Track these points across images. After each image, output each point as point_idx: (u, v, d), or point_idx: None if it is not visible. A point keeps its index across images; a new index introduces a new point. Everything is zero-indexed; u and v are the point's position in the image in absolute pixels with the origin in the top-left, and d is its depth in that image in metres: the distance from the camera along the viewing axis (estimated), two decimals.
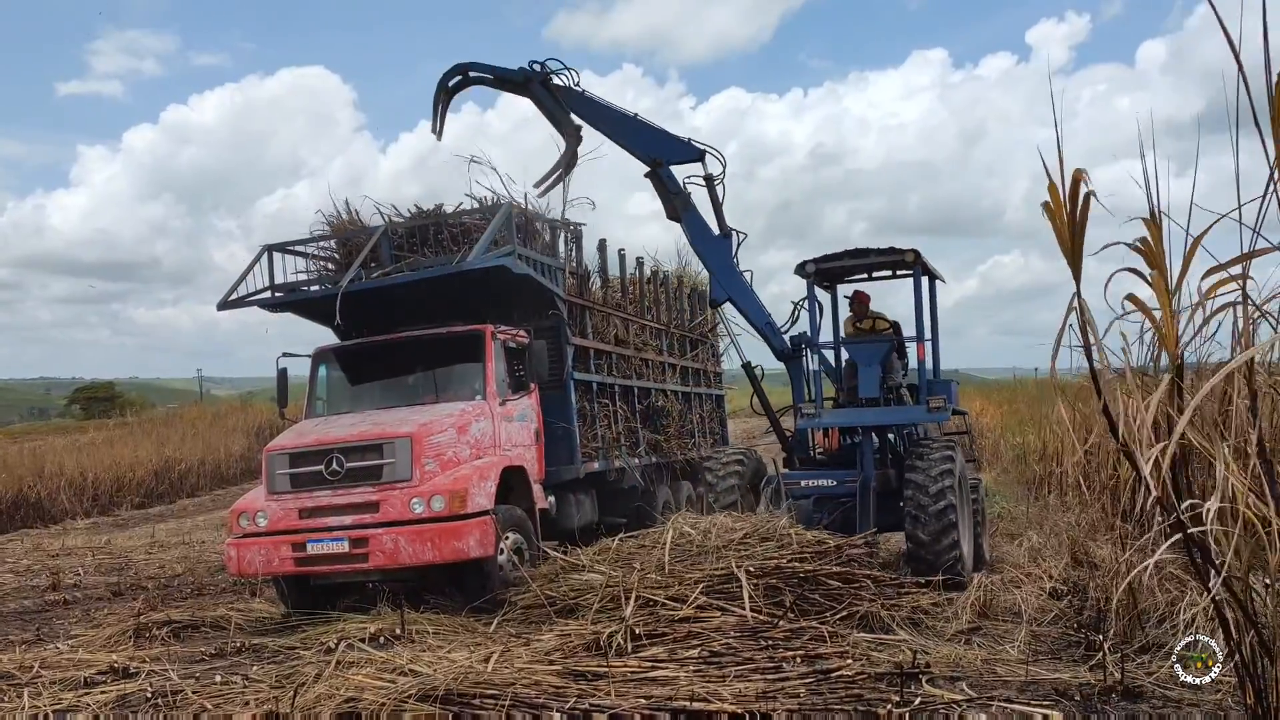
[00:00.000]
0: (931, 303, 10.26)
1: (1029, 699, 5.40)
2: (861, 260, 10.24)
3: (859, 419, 10.01)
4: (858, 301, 10.82)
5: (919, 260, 9.86)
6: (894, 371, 10.26)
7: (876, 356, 10.07)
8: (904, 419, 10.24)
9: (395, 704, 5.43)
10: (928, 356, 10.05)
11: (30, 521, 22.34)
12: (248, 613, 9.40)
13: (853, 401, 10.17)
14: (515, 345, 10.29)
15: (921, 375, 9.95)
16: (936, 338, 10.34)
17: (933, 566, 8.74)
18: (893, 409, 10.09)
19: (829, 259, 10.16)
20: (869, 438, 9.99)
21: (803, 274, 10.12)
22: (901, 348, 10.46)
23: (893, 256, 10.05)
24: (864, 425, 9.97)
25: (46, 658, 7.61)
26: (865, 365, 10.05)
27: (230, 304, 10.52)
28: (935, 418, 9.98)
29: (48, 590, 12.07)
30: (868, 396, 10.01)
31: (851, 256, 10.16)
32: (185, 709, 5.96)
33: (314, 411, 10.46)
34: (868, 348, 10.23)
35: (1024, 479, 16.60)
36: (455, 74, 11.40)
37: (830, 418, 10.20)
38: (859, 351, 10.25)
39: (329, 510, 8.85)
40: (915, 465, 9.24)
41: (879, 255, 10.10)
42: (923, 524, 8.93)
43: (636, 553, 8.42)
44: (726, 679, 5.88)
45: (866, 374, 10.01)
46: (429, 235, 10.42)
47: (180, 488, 27.36)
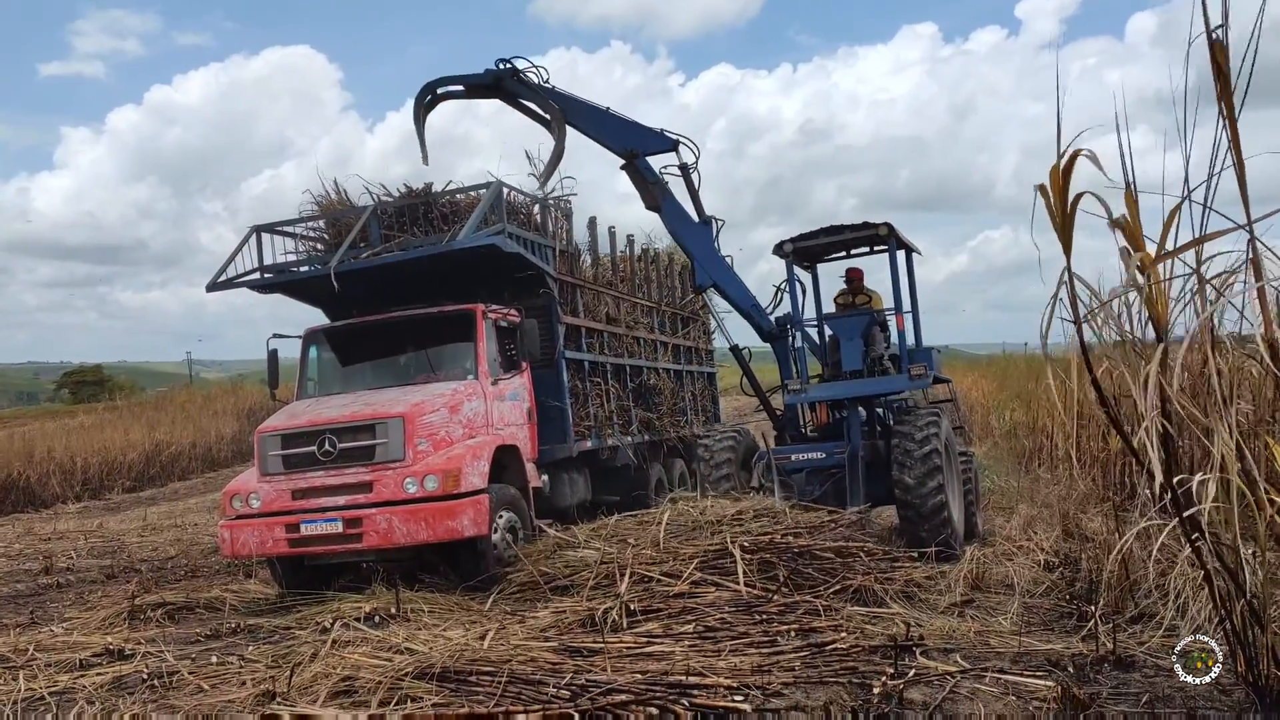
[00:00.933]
0: (909, 274, 10.43)
1: (1022, 670, 5.44)
2: (837, 237, 10.38)
3: (843, 391, 10.19)
4: (851, 278, 10.97)
5: (893, 233, 10.04)
6: (876, 344, 10.39)
7: (857, 330, 10.27)
8: (886, 388, 10.39)
9: (392, 682, 5.45)
10: (908, 327, 10.23)
11: (21, 506, 22.34)
12: (242, 594, 9.42)
13: (838, 375, 10.30)
14: (507, 324, 10.28)
15: (902, 345, 10.13)
16: (916, 309, 10.49)
17: (921, 515, 8.96)
18: (875, 379, 10.25)
19: (805, 238, 10.33)
20: (855, 410, 10.17)
21: (781, 254, 10.29)
22: (882, 320, 10.57)
23: (867, 231, 10.21)
24: (849, 397, 10.13)
25: (41, 640, 7.62)
26: (847, 339, 10.26)
27: (219, 285, 10.48)
28: (917, 385, 10.14)
29: (41, 574, 12.06)
30: (851, 369, 10.16)
31: (826, 234, 10.31)
32: (181, 690, 5.98)
33: (305, 393, 10.43)
34: (849, 322, 10.43)
35: (1015, 453, 16.69)
36: (426, 93, 11.23)
37: (816, 392, 10.38)
38: (841, 326, 10.45)
39: (322, 491, 8.85)
40: (902, 422, 9.49)
41: (853, 231, 10.28)
42: (909, 469, 9.07)
43: (631, 530, 8.46)
44: (722, 653, 5.92)
45: (849, 347, 10.21)
46: (418, 215, 10.38)
47: (171, 471, 27.37)
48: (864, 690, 5.20)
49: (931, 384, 10.61)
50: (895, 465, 9.22)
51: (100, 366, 70.14)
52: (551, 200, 11.40)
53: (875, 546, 8.05)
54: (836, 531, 8.19)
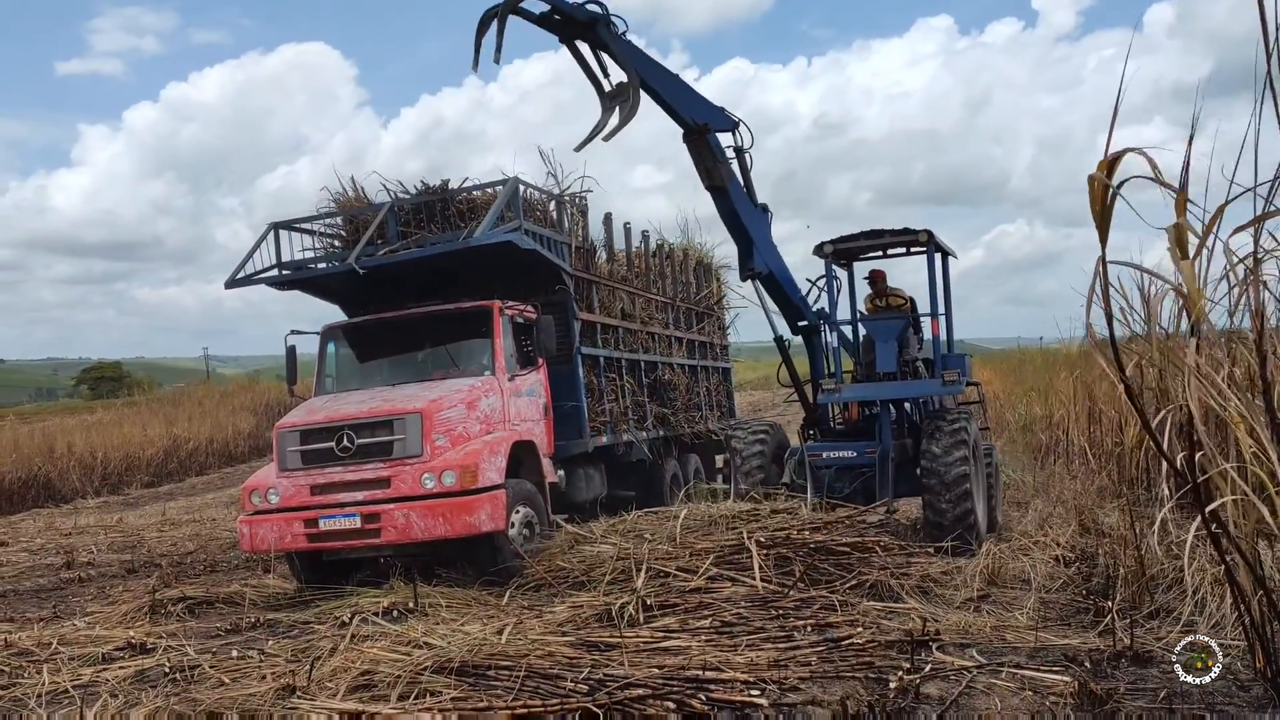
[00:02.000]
0: (945, 279, 10.47)
1: (1039, 665, 5.44)
2: (877, 240, 10.48)
3: (878, 393, 10.29)
4: (874, 279, 11.08)
5: (932, 240, 10.11)
6: (910, 346, 10.49)
7: (893, 332, 10.33)
8: (920, 392, 10.51)
9: (411, 676, 5.49)
10: (942, 331, 10.29)
11: (42, 501, 22.53)
12: (261, 588, 9.48)
13: (870, 376, 10.37)
14: (523, 320, 10.32)
15: (936, 350, 10.22)
16: (950, 313, 10.56)
17: (947, 523, 9.05)
18: (909, 383, 10.36)
19: (846, 239, 10.41)
20: (887, 410, 10.28)
21: (821, 254, 10.36)
22: (917, 323, 10.66)
23: (907, 237, 10.32)
24: (883, 399, 10.23)
25: (64, 634, 7.70)
26: (882, 341, 10.32)
27: (238, 282, 10.54)
28: (950, 390, 10.21)
29: (62, 568, 12.18)
30: (885, 371, 10.22)
31: (867, 237, 10.42)
32: (203, 683, 6.04)
33: (323, 388, 10.50)
34: (885, 324, 10.50)
35: (1030, 447, 16.65)
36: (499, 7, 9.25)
37: (850, 392, 10.47)
38: (876, 328, 10.50)
39: (340, 486, 8.90)
40: (932, 436, 9.50)
41: (894, 235, 10.39)
42: (939, 494, 9.18)
43: (648, 525, 8.50)
44: (738, 648, 5.94)
45: (884, 349, 10.27)
46: (435, 211, 10.41)
47: (189, 466, 27.54)
48: (880, 685, 5.21)
49: (964, 390, 10.71)
50: (926, 489, 9.34)
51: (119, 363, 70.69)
52: (567, 196, 11.42)
53: (891, 542, 8.07)
54: (853, 527, 8.21)
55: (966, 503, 9.12)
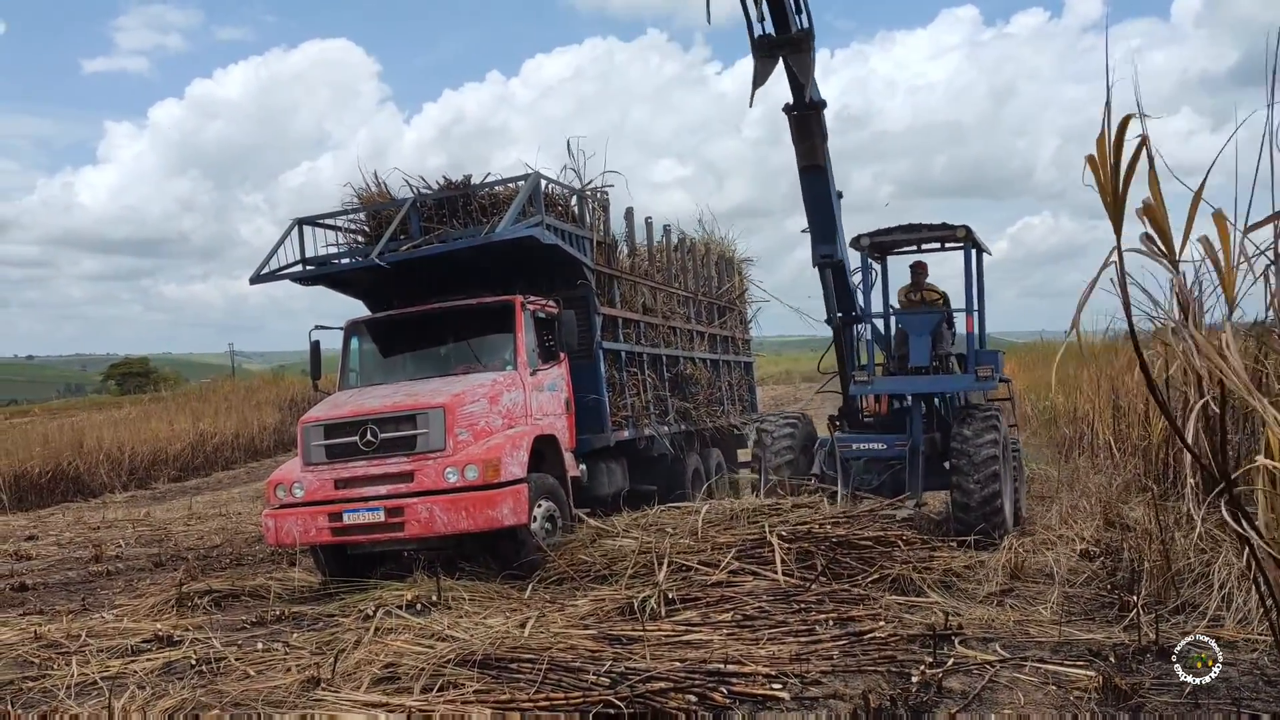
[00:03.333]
0: (979, 275, 10.42)
1: (1062, 659, 5.42)
2: (914, 235, 10.49)
3: (911, 386, 10.32)
4: (917, 271, 11.06)
5: (970, 235, 10.09)
6: (943, 341, 10.48)
7: (927, 326, 10.34)
8: (953, 387, 10.53)
9: (434, 668, 5.53)
10: (975, 327, 10.27)
11: (70, 495, 22.78)
12: (286, 582, 9.55)
13: (903, 369, 10.35)
14: (545, 315, 10.34)
15: (970, 345, 10.22)
16: (983, 309, 10.51)
17: (976, 520, 9.06)
18: (942, 377, 10.41)
19: (882, 233, 10.40)
20: (918, 404, 10.29)
21: (857, 247, 10.33)
22: (950, 318, 10.65)
23: (944, 232, 10.32)
24: (915, 393, 10.25)
25: (93, 627, 7.79)
26: (916, 335, 10.33)
27: (262, 278, 10.61)
28: (983, 386, 10.21)
29: (91, 562, 12.31)
30: (918, 365, 10.18)
31: (904, 231, 10.42)
32: (229, 675, 6.09)
33: (347, 383, 10.55)
34: (919, 318, 10.50)
35: (1054, 441, 16.54)
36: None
37: (883, 384, 10.46)
38: (911, 322, 10.51)
39: (364, 480, 8.95)
40: (964, 421, 9.55)
41: (930, 230, 10.40)
42: (968, 474, 9.20)
43: (670, 519, 8.52)
44: (760, 642, 5.95)
45: (917, 343, 10.28)
46: (457, 206, 10.45)
47: (215, 461, 27.76)
48: (902, 679, 5.21)
49: (997, 386, 10.70)
50: (955, 486, 9.36)
51: (145, 358, 71.32)
52: (589, 191, 11.43)
53: (914, 535, 8.05)
54: (876, 521, 8.20)
55: (995, 484, 9.13)
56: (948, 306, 10.83)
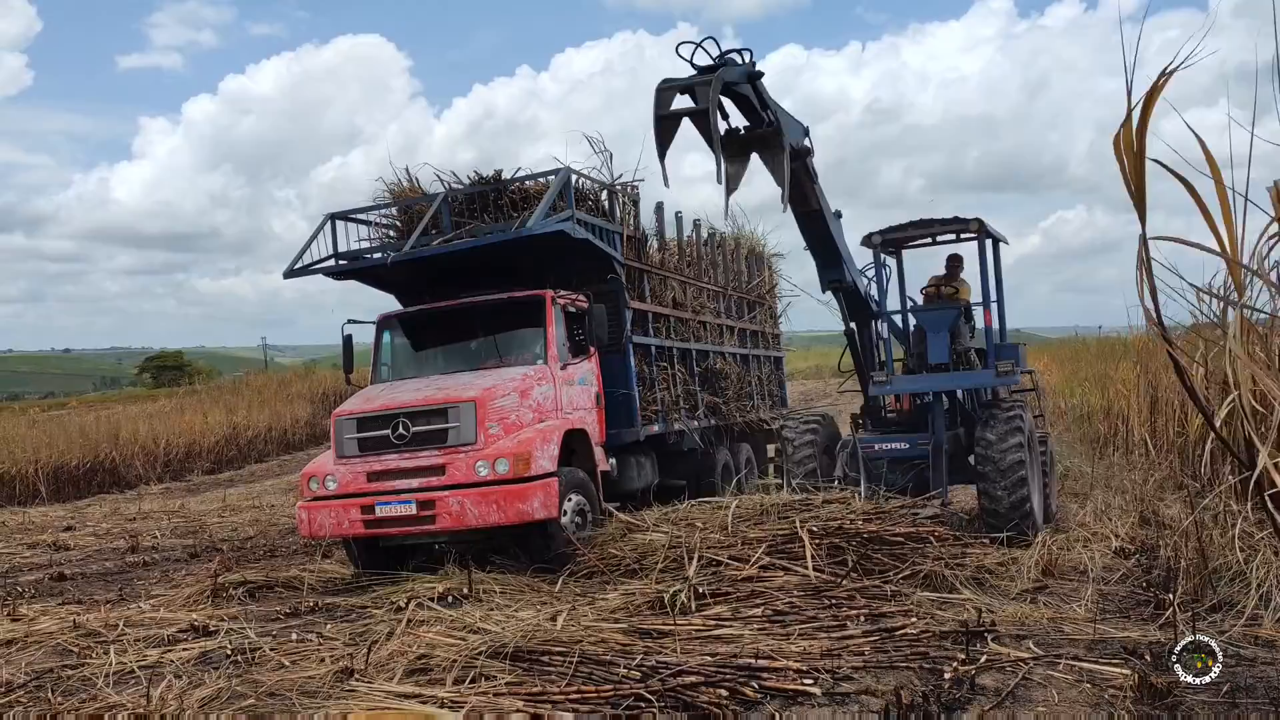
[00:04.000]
0: (996, 267, 10.30)
1: (1097, 657, 5.38)
2: (926, 229, 10.38)
3: (930, 384, 10.19)
4: (952, 264, 10.98)
5: (983, 228, 9.98)
6: (962, 336, 10.35)
7: (945, 323, 10.21)
8: (974, 383, 10.39)
9: (466, 660, 5.56)
10: (994, 320, 10.16)
11: (107, 487, 23.13)
12: (319, 573, 9.64)
13: (922, 367, 10.26)
14: (575, 310, 10.36)
15: (989, 339, 10.07)
16: (1002, 301, 10.40)
17: (1003, 514, 8.96)
18: (963, 374, 10.27)
19: (894, 230, 10.32)
20: (940, 401, 10.18)
21: (869, 245, 10.27)
22: (968, 313, 10.53)
23: (957, 225, 10.23)
24: (936, 390, 10.14)
25: (130, 616, 7.89)
26: (934, 332, 10.21)
27: (295, 272, 10.70)
28: (1004, 381, 10.07)
29: (127, 552, 12.50)
30: (938, 362, 10.10)
31: (916, 226, 10.33)
32: (263, 665, 6.16)
33: (379, 377, 10.62)
34: (936, 314, 10.39)
35: (1088, 438, 16.38)
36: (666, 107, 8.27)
37: (902, 384, 10.37)
38: (928, 318, 10.40)
39: (396, 473, 9.02)
40: (986, 425, 9.42)
41: (943, 225, 10.31)
42: (995, 481, 9.09)
43: (700, 515, 8.51)
44: (791, 637, 5.94)
45: (935, 340, 10.16)
46: (488, 202, 10.49)
47: (248, 453, 28.09)
48: (935, 675, 5.18)
49: (1019, 380, 10.60)
50: (981, 480, 9.26)
51: (180, 352, 72.16)
52: (619, 186, 11.43)
53: (946, 532, 8.00)
54: (907, 517, 8.16)
55: (1022, 489, 9.03)
56: (968, 299, 10.70)
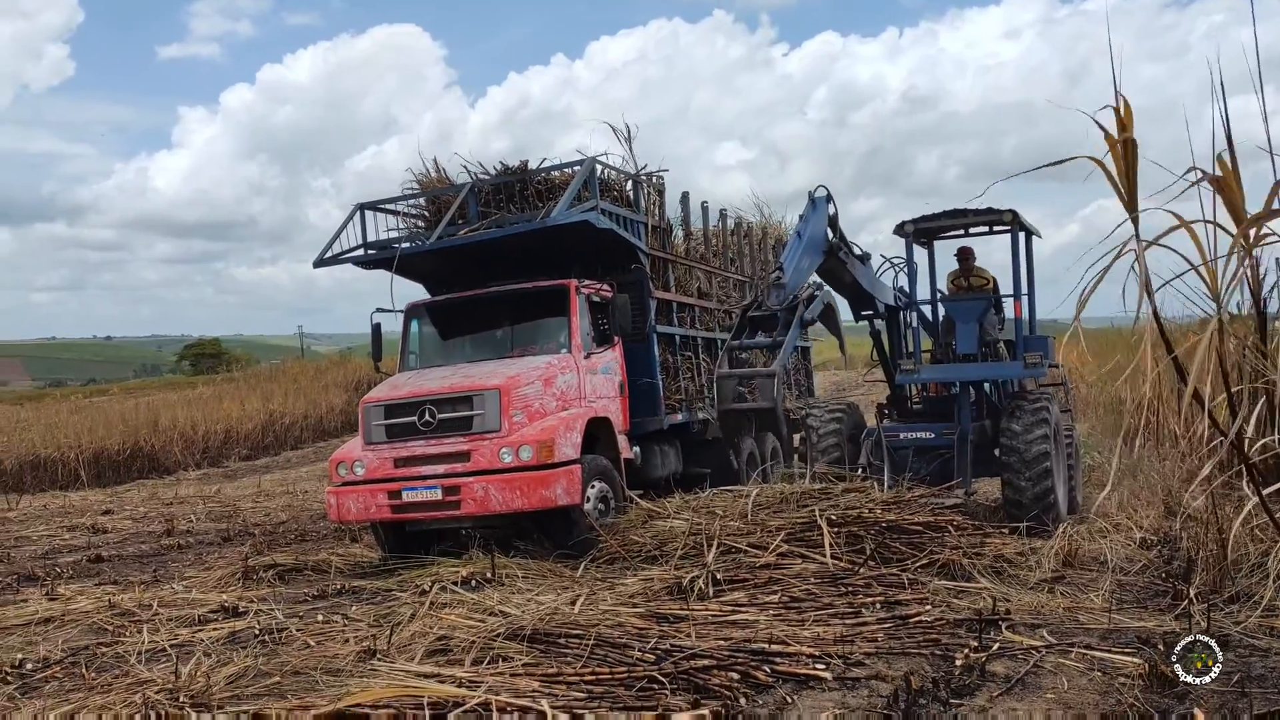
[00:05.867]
0: (1028, 259, 10.24)
1: (1110, 646, 5.39)
2: (959, 220, 10.31)
3: (958, 374, 10.21)
4: (963, 257, 10.92)
5: (1017, 219, 9.91)
6: (991, 327, 10.31)
7: (974, 313, 10.19)
8: (1002, 374, 10.37)
9: (485, 642, 5.67)
10: (1024, 312, 10.11)
11: (146, 472, 23.56)
12: (347, 557, 9.83)
13: (950, 357, 10.24)
14: (599, 299, 10.44)
15: (1018, 331, 10.04)
16: (1033, 293, 10.33)
17: (1028, 513, 8.93)
18: (991, 365, 10.24)
19: (927, 219, 10.27)
20: (966, 392, 10.18)
21: (901, 234, 10.23)
22: (998, 304, 10.48)
23: (990, 216, 10.13)
24: (962, 381, 10.12)
25: (163, 597, 8.11)
26: (963, 322, 10.19)
27: (326, 261, 10.86)
28: (1032, 373, 10.04)
29: (163, 536, 12.78)
30: (965, 352, 10.07)
31: (949, 217, 10.27)
32: (290, 645, 6.32)
33: (407, 365, 10.78)
34: (966, 305, 10.35)
35: (1117, 429, 16.22)
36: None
37: (929, 373, 10.36)
38: (957, 309, 10.37)
39: (422, 460, 9.17)
40: (1012, 416, 9.38)
41: (976, 215, 10.21)
42: (1019, 473, 9.11)
43: (722, 503, 8.58)
44: (806, 623, 6.00)
45: (964, 330, 10.14)
46: (514, 192, 10.58)
47: (284, 440, 28.46)
48: (946, 662, 5.22)
49: (1046, 373, 10.55)
50: (1006, 473, 9.27)
51: (218, 340, 73.13)
52: (644, 176, 11.48)
53: (965, 521, 8.01)
54: (927, 506, 8.17)
55: (1046, 481, 9.01)
56: (996, 292, 10.65)
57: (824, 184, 9.64)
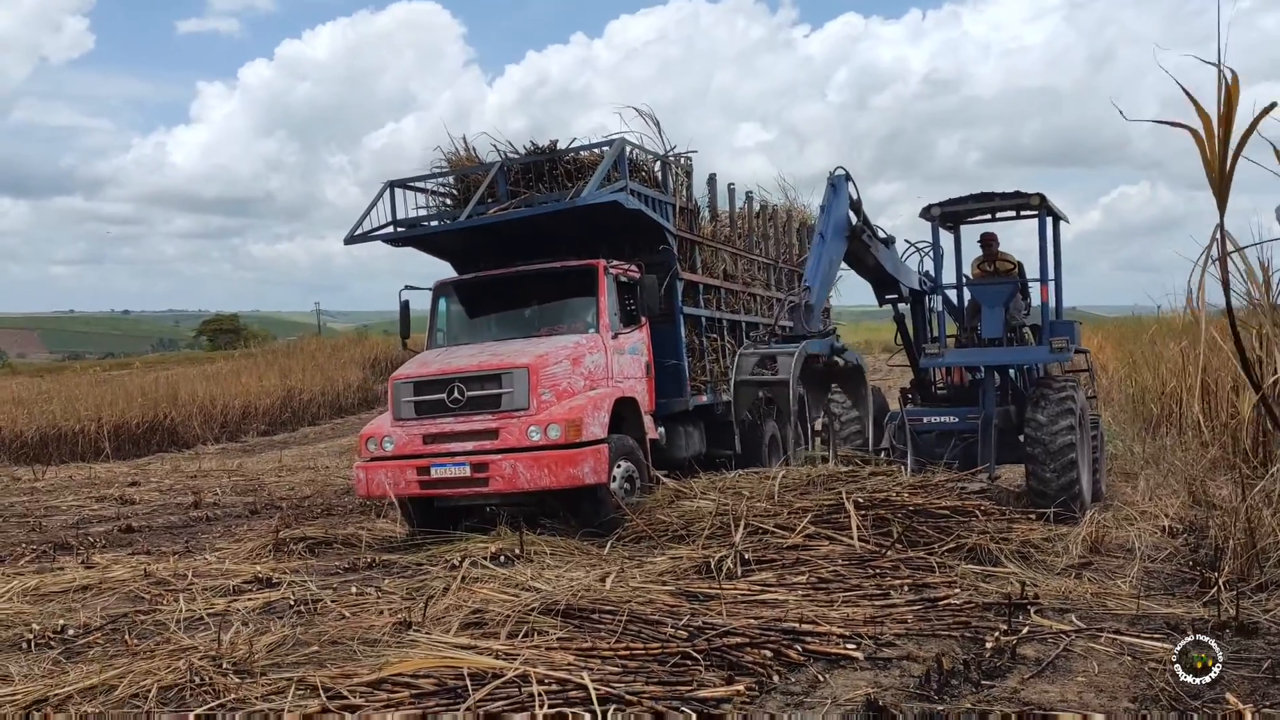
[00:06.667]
0: (1055, 244, 10.22)
1: (1139, 632, 5.43)
2: (987, 204, 10.25)
3: (983, 359, 10.20)
4: (986, 243, 10.88)
5: (1044, 203, 9.88)
6: (1017, 312, 10.30)
7: (1001, 298, 10.16)
8: (1027, 359, 10.34)
9: (520, 615, 5.75)
10: (1051, 297, 10.06)
11: (165, 446, 23.76)
12: (375, 531, 9.93)
13: (975, 340, 10.24)
14: (627, 280, 10.48)
15: (1045, 316, 9.99)
16: (1060, 278, 10.33)
17: (1053, 502, 8.93)
18: (1016, 349, 10.21)
19: (954, 203, 10.25)
20: (991, 376, 10.17)
21: (927, 217, 10.20)
22: (1025, 288, 10.47)
23: (1018, 200, 10.10)
24: (988, 365, 10.10)
25: (197, 567, 8.25)
26: (989, 306, 10.18)
27: (356, 238, 10.93)
28: (1058, 358, 10.04)
29: (190, 507, 12.93)
30: (991, 337, 10.06)
31: (976, 200, 10.23)
32: (326, 615, 6.42)
33: (434, 342, 10.84)
34: (992, 289, 10.33)
35: (1141, 417, 16.23)
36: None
37: (954, 357, 10.35)
38: (983, 293, 10.35)
39: (451, 436, 9.25)
40: (1037, 405, 9.35)
41: (1004, 199, 10.18)
42: (1044, 464, 9.12)
43: (748, 484, 8.63)
44: (834, 604, 6.05)
45: (990, 315, 10.12)
46: (543, 171, 10.61)
47: (302, 416, 28.65)
48: (976, 645, 5.27)
49: (1072, 358, 10.55)
50: (1030, 459, 9.27)
51: (235, 315, 73.49)
52: (672, 157, 11.50)
53: (992, 506, 8.04)
54: (953, 491, 8.21)
55: (1071, 472, 9.01)
56: (1022, 277, 10.64)
57: (843, 165, 9.58)
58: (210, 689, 4.82)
